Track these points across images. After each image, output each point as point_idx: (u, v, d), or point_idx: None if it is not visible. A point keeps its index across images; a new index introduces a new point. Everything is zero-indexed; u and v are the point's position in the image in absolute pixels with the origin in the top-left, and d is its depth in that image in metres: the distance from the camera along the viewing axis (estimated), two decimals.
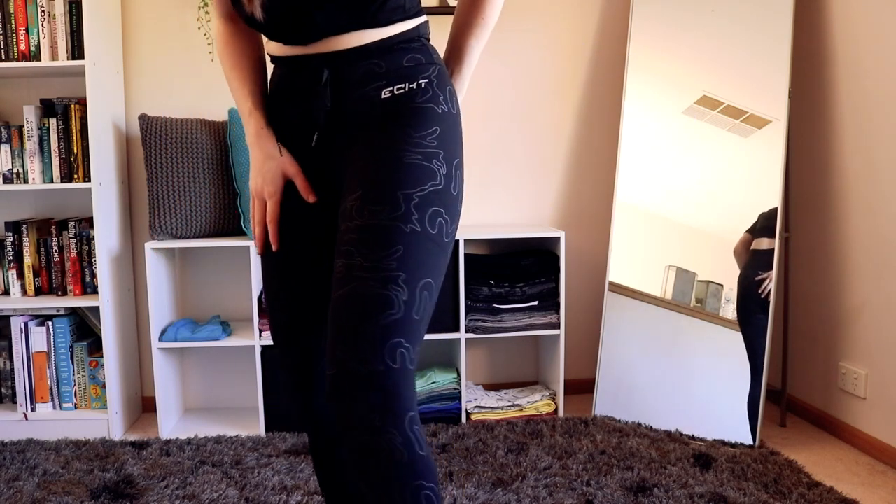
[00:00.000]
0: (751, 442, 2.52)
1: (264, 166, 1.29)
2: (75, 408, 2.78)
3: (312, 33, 1.22)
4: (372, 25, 1.22)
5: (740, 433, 2.53)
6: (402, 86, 1.22)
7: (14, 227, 2.75)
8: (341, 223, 1.18)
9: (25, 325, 2.73)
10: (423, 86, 1.23)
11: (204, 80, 2.94)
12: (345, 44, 1.22)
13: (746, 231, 2.62)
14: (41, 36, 2.60)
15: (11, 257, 2.75)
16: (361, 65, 1.23)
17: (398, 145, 1.18)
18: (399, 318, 1.09)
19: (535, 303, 2.83)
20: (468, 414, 2.81)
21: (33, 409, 2.75)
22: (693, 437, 2.59)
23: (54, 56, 2.62)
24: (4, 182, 2.67)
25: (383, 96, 1.22)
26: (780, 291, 2.78)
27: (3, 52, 2.61)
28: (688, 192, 2.74)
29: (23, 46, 2.61)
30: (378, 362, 1.06)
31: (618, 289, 2.82)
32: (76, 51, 2.62)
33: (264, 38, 1.36)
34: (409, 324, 1.10)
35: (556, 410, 2.87)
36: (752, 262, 2.59)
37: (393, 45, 1.24)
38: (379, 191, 1.15)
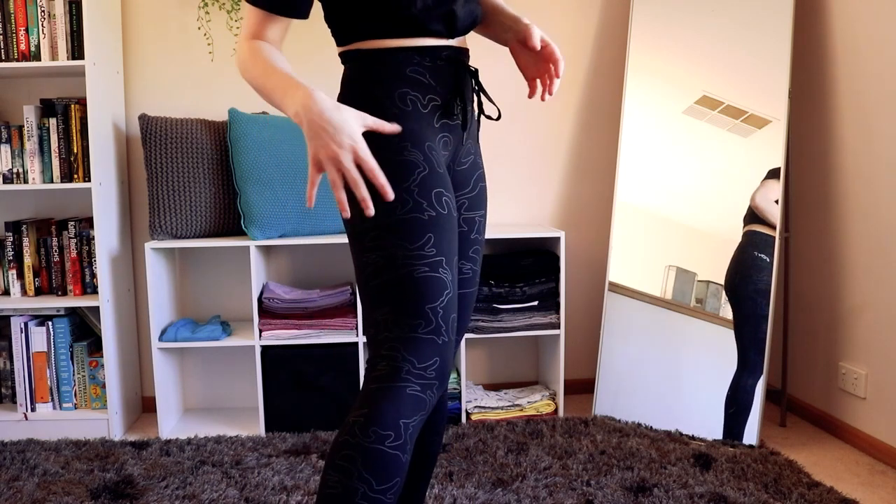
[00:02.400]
0: (751, 442, 2.52)
1: (338, 116, 1.20)
2: (75, 408, 2.78)
3: (462, 25, 1.41)
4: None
5: (740, 433, 2.54)
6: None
7: (14, 227, 2.75)
8: (470, 229, 1.51)
9: (25, 325, 2.73)
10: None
11: (204, 80, 2.94)
12: (463, 44, 1.46)
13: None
14: (41, 36, 2.60)
15: (11, 257, 2.75)
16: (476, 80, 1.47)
17: (485, 173, 1.60)
18: None
19: (535, 303, 2.84)
20: (468, 414, 2.81)
21: (33, 409, 2.75)
22: (693, 437, 2.59)
23: (54, 56, 2.62)
24: (4, 182, 2.67)
25: (477, 117, 1.51)
26: (780, 291, 2.78)
27: (3, 52, 2.61)
28: (688, 192, 2.74)
29: (23, 46, 2.61)
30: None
31: (618, 289, 2.82)
32: (76, 51, 2.62)
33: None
34: None
35: (556, 410, 2.87)
36: (751, 256, 2.59)
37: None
38: (486, 214, 1.59)
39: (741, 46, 2.70)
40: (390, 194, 1.19)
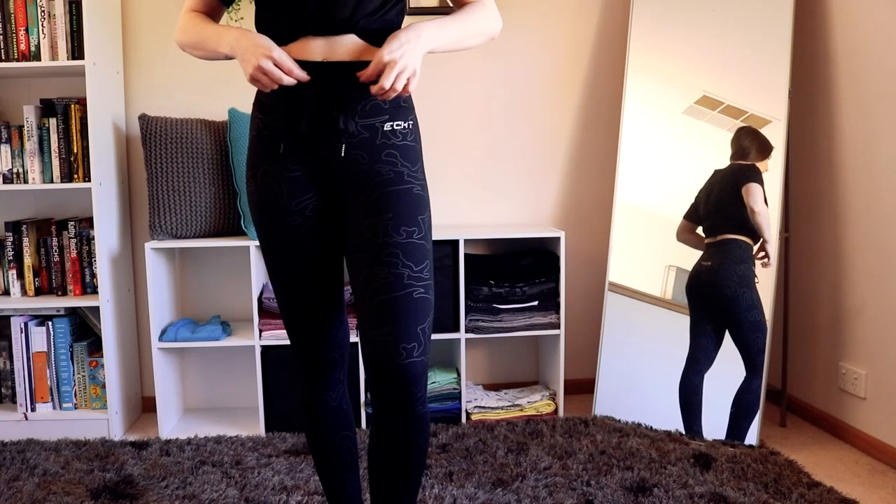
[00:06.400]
0: (751, 442, 2.52)
1: (261, 38, 1.41)
2: (75, 408, 2.78)
3: (341, 21, 1.41)
4: (374, 42, 1.45)
5: (740, 433, 2.54)
6: (400, 123, 1.48)
7: (14, 227, 2.75)
8: (375, 234, 1.44)
9: (25, 325, 2.73)
10: (410, 126, 1.50)
11: (204, 80, 2.94)
12: (351, 56, 1.43)
13: (683, 217, 2.71)
14: (41, 36, 2.60)
15: (11, 257, 2.75)
16: (368, 94, 1.43)
17: (406, 179, 1.48)
18: (432, 316, 1.47)
19: (535, 303, 2.83)
20: (468, 414, 2.81)
21: (33, 409, 2.75)
22: (693, 437, 2.59)
23: (54, 56, 2.62)
24: (4, 182, 2.67)
25: (384, 128, 1.46)
26: (780, 291, 2.78)
27: (3, 52, 2.61)
28: (688, 192, 2.74)
29: (23, 46, 2.61)
30: (426, 353, 1.44)
31: (618, 289, 2.82)
32: (76, 51, 2.62)
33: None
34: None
35: (556, 410, 2.87)
36: (733, 253, 2.59)
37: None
38: (406, 215, 1.46)
39: (741, 46, 2.70)
40: (301, 76, 1.40)
